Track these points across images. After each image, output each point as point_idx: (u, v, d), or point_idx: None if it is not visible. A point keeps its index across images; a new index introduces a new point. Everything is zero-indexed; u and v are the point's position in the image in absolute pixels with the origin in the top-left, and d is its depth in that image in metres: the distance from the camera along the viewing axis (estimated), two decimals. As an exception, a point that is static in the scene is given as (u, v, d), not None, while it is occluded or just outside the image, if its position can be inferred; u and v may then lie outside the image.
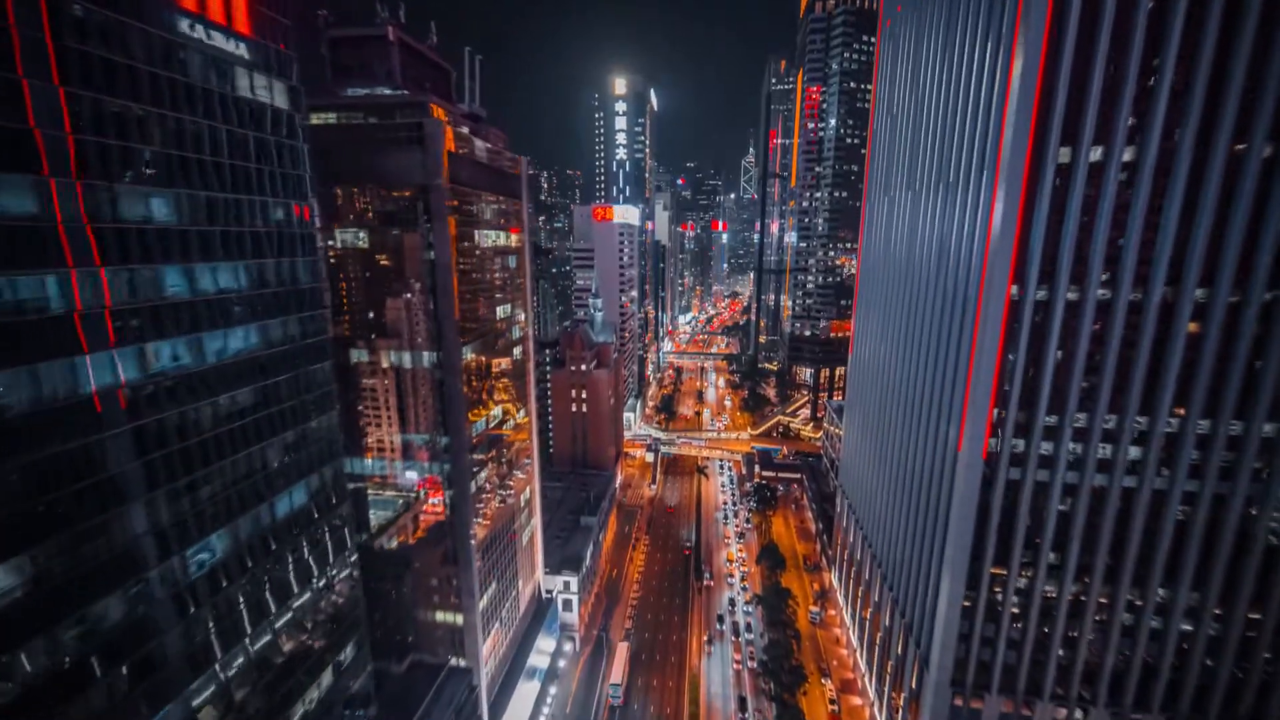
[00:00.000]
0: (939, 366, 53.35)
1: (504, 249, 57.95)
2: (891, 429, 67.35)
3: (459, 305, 47.27)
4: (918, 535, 57.15)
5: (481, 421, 52.95)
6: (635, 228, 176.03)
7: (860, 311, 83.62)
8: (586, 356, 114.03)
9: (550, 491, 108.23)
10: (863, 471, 79.62)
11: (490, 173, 54.97)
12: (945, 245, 52.23)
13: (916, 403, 59.26)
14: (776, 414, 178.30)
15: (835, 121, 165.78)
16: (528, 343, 65.12)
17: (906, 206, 63.07)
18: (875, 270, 75.56)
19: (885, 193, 70.95)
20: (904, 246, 63.56)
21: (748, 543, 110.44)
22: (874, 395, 75.25)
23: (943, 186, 53.38)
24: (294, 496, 33.42)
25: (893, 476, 66.03)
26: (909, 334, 61.67)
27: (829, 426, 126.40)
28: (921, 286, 58.09)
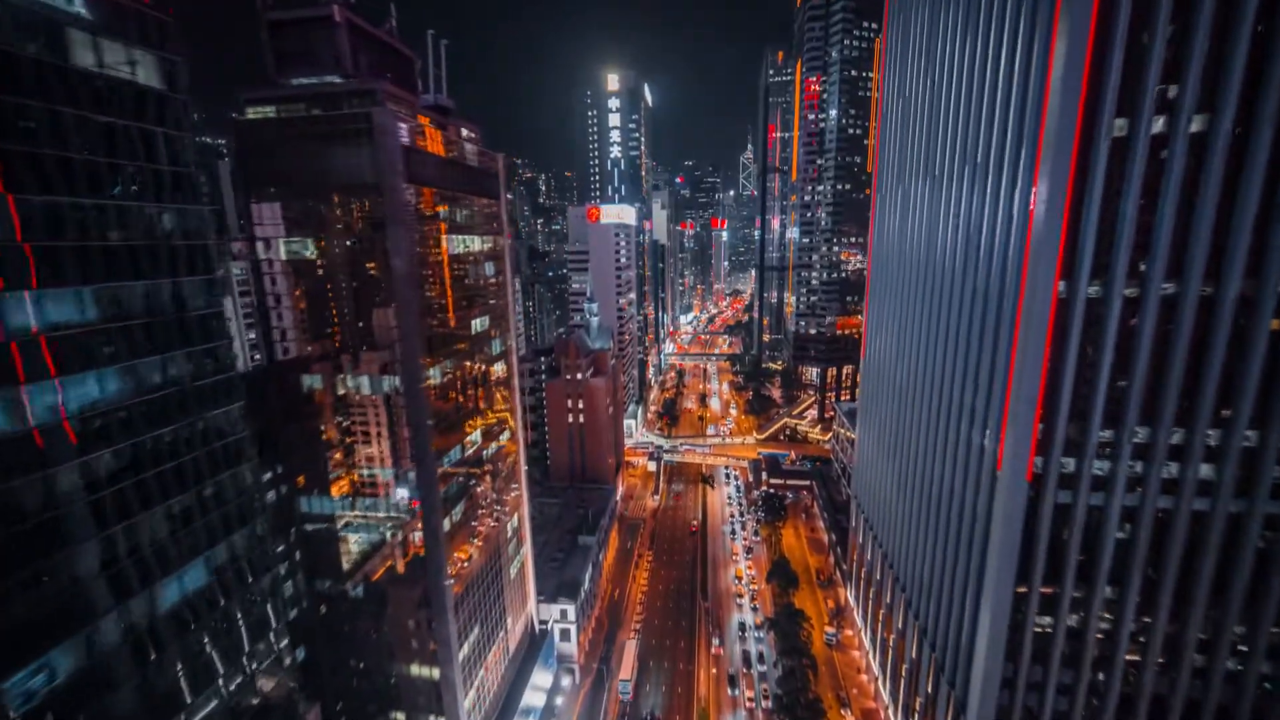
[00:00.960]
0: (969, 373, 47.41)
1: (481, 255, 52.35)
2: (911, 438, 61.44)
3: (424, 321, 41.70)
4: (947, 560, 51.21)
5: (456, 449, 47.37)
6: (632, 227, 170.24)
7: (872, 310, 77.67)
8: (582, 364, 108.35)
9: (546, 508, 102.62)
10: (879, 483, 73.68)
11: (461, 171, 49.37)
12: (973, 236, 46.31)
13: (942, 411, 53.33)
14: (783, 416, 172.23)
15: (836, 112, 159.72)
16: (512, 356, 59.47)
17: (924, 195, 57.14)
18: (889, 265, 69.62)
19: (899, 182, 65.02)
20: (922, 239, 57.63)
21: (757, 557, 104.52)
22: (890, 400, 69.32)
23: (968, 171, 47.46)
24: (187, 579, 26.81)
25: (914, 491, 60.12)
26: (930, 335, 55.75)
27: (839, 429, 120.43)
28: (944, 283, 52.17)
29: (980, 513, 44.90)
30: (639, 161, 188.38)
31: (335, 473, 43.63)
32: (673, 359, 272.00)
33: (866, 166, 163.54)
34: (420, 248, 42.18)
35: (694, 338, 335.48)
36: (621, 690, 72.56)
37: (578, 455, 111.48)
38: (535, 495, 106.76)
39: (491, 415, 55.22)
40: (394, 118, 37.43)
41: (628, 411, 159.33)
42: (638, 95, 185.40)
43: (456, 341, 47.51)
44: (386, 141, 37.09)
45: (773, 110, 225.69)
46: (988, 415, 44.25)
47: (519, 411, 62.17)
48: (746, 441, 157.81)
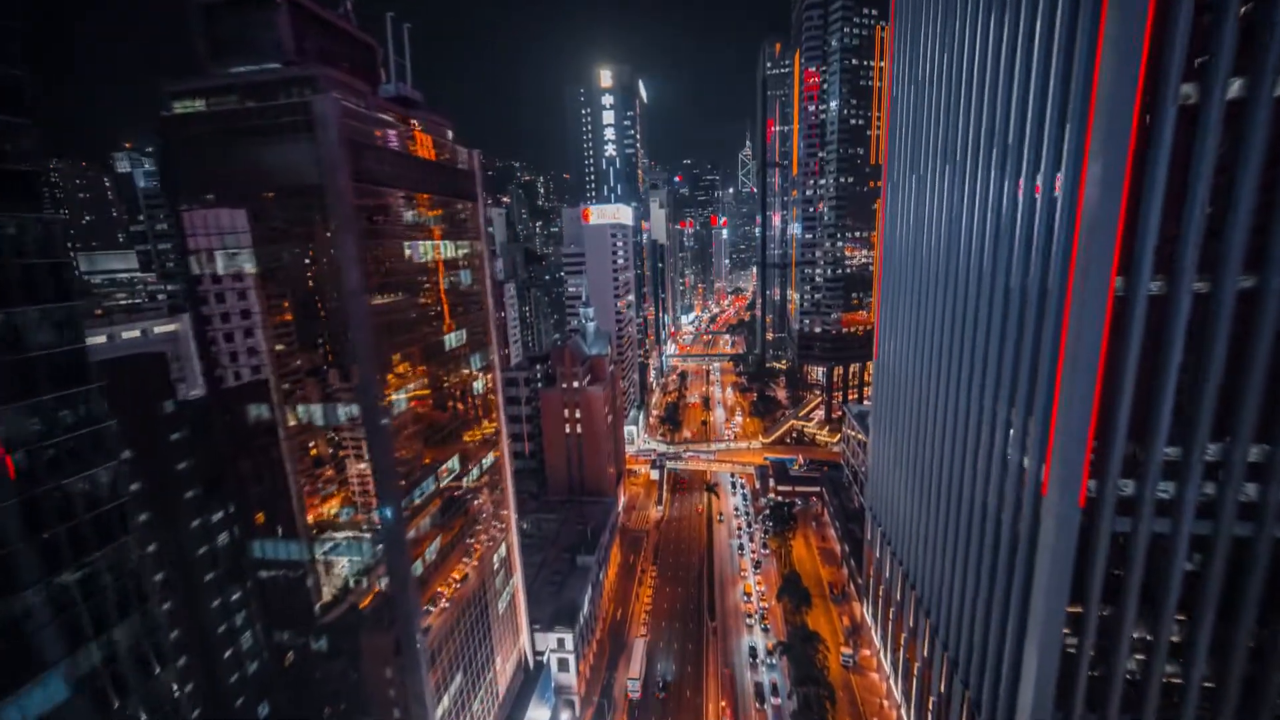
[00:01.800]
0: (1002, 383, 42.13)
1: (455, 262, 47.35)
2: (934, 451, 56.18)
3: (384, 340, 36.77)
4: (980, 589, 45.95)
5: (428, 481, 42.45)
6: (629, 227, 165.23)
7: (884, 308, 72.35)
8: (578, 372, 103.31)
9: (544, 524, 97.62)
10: (897, 495, 68.40)
11: (428, 169, 44.37)
12: (1005, 227, 41.04)
13: (970, 424, 48.05)
14: (789, 418, 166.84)
15: (837, 103, 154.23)
16: (494, 371, 54.42)
17: (943, 184, 51.85)
18: (902, 261, 64.32)
19: (912, 170, 59.73)
20: (941, 231, 52.34)
21: (766, 571, 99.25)
22: (907, 408, 64.06)
23: (996, 155, 42.20)
24: (34, 698, 20.11)
25: (939, 508, 54.86)
26: (953, 338, 50.48)
27: (849, 432, 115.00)
28: (970, 280, 46.89)
29: (1021, 540, 39.64)
30: (635, 159, 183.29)
31: (292, 512, 38.79)
32: (674, 361, 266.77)
33: (870, 158, 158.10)
34: (378, 256, 37.25)
35: (696, 338, 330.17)
36: (630, 689, 73.64)
37: (576, 467, 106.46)
38: (532, 510, 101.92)
39: (472, 437, 50.24)
40: (338, 107, 32.47)
41: (628, 417, 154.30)
42: (632, 91, 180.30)
43: (426, 360, 42.56)
44: (328, 134, 32.14)
45: (771, 103, 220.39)
46: (1027, 431, 38.98)
47: (505, 430, 57.12)
48: (752, 446, 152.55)
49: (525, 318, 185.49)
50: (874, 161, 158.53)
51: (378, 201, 37.51)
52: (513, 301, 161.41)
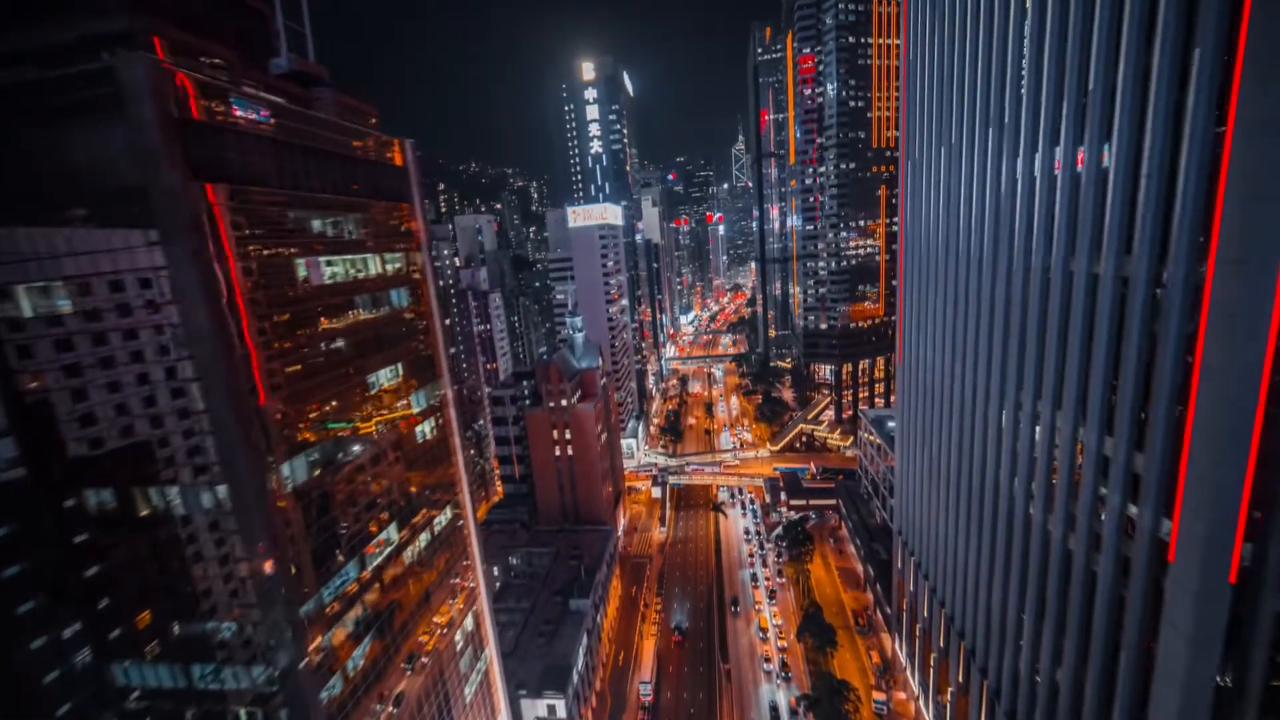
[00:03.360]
0: (1091, 400, 32.40)
1: (382, 280, 37.89)
2: (982, 473, 46.60)
3: (266, 393, 27.39)
4: (1067, 663, 36.24)
5: (350, 567, 33.04)
6: (619, 227, 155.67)
7: (909, 305, 62.61)
8: (566, 389, 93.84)
9: (534, 560, 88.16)
10: (932, 521, 58.71)
11: (334, 164, 34.83)
12: (1091, 198, 31.27)
13: (1039, 449, 38.38)
14: (797, 421, 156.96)
15: (835, 85, 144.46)
16: (448, 410, 44.95)
17: (985, 153, 42.18)
18: (930, 248, 54.64)
19: (940, 142, 50.01)
20: (987, 210, 42.65)
21: (782, 601, 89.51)
22: (943, 420, 54.43)
23: (1067, 110, 32.46)
24: None
25: (993, 543, 45.24)
26: (1007, 339, 40.84)
27: (866, 436, 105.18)
28: (1032, 267, 37.21)
29: (1131, 618, 29.93)
30: (623, 156, 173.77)
31: (162, 626, 29.39)
32: (674, 364, 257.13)
33: (873, 142, 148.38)
34: (256, 279, 27.91)
35: (696, 339, 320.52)
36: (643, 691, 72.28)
37: (568, 493, 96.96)
38: (522, 544, 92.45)
39: (418, 495, 40.74)
40: (154, 72, 22.92)
41: (627, 430, 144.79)
42: (617, 84, 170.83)
43: (341, 410, 33.19)
44: (141, 111, 22.81)
45: (764, 91, 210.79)
46: (1135, 469, 29.27)
47: (466, 478, 47.61)
48: (760, 455, 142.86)
49: (515, 328, 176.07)
50: (876, 145, 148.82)
51: (257, 206, 28.17)
52: (499, 312, 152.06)
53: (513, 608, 76.49)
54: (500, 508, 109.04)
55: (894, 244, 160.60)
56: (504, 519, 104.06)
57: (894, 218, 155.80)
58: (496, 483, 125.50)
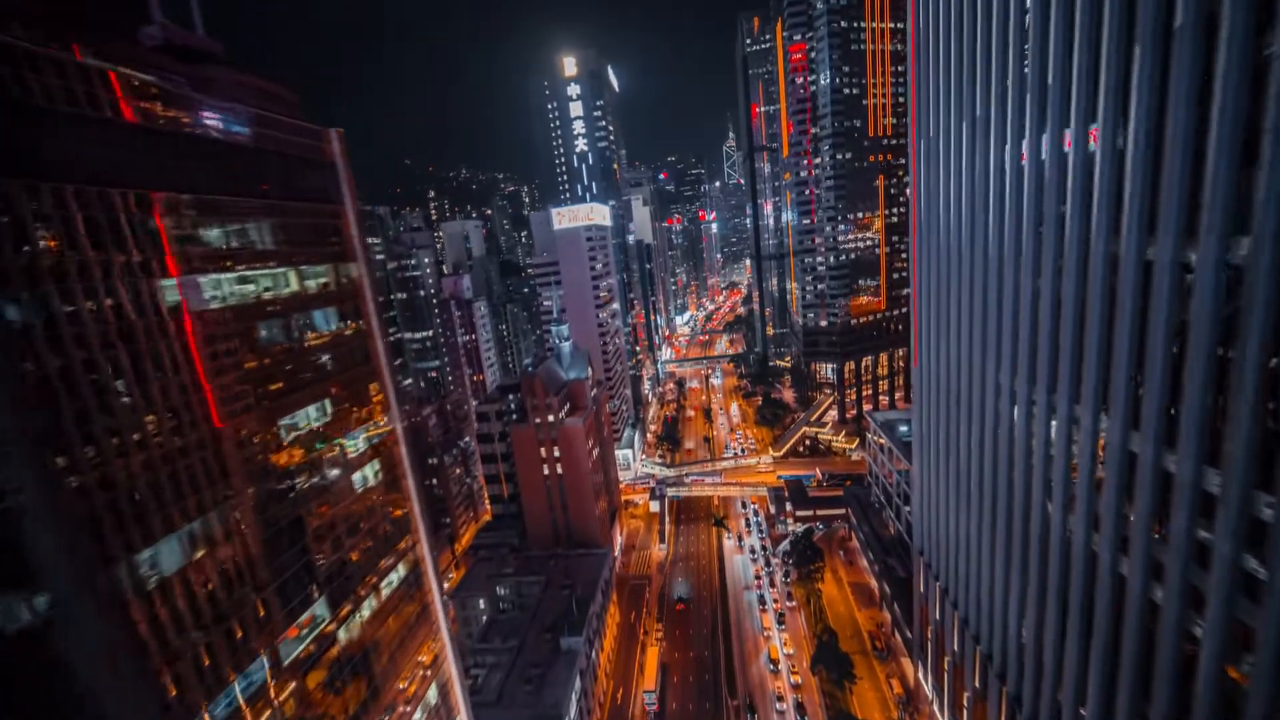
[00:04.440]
0: (1187, 421, 25.96)
1: (304, 298, 31.30)
2: (1025, 493, 40.21)
3: (135, 441, 20.88)
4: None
5: (256, 669, 26.26)
6: (607, 228, 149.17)
7: (925, 301, 56.18)
8: (553, 403, 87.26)
9: (524, 590, 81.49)
10: (963, 545, 52.34)
11: (227, 158, 28.22)
12: (1178, 171, 24.81)
13: (1113, 470, 31.99)
14: (800, 424, 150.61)
15: (828, 72, 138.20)
16: (398, 448, 38.35)
17: (1024, 126, 35.75)
18: (947, 238, 48.26)
19: (963, 116, 43.59)
20: (1028, 190, 36.20)
21: (793, 626, 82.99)
22: (970, 428, 48.11)
23: (1143, 64, 26.04)
24: None
25: (1047, 581, 38.81)
26: (1055, 340, 34.48)
27: (874, 439, 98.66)
28: (1089, 256, 30.81)
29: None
30: (609, 154, 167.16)
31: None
32: (671, 367, 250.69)
33: (869, 130, 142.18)
34: (117, 298, 21.41)
35: (693, 339, 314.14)
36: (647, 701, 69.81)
37: (559, 514, 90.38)
38: (510, 573, 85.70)
39: (358, 561, 34.01)
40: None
41: (622, 439, 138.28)
42: (600, 79, 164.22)
43: (239, 468, 26.55)
44: None
45: (754, 83, 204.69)
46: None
47: (422, 526, 41.02)
48: (762, 461, 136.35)
49: (503, 337, 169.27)
50: (873, 134, 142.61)
51: (103, 208, 21.66)
52: (484, 321, 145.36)
53: (498, 648, 69.96)
54: (488, 530, 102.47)
55: (894, 236, 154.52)
56: (492, 542, 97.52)
57: (893, 209, 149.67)
58: (485, 501, 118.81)
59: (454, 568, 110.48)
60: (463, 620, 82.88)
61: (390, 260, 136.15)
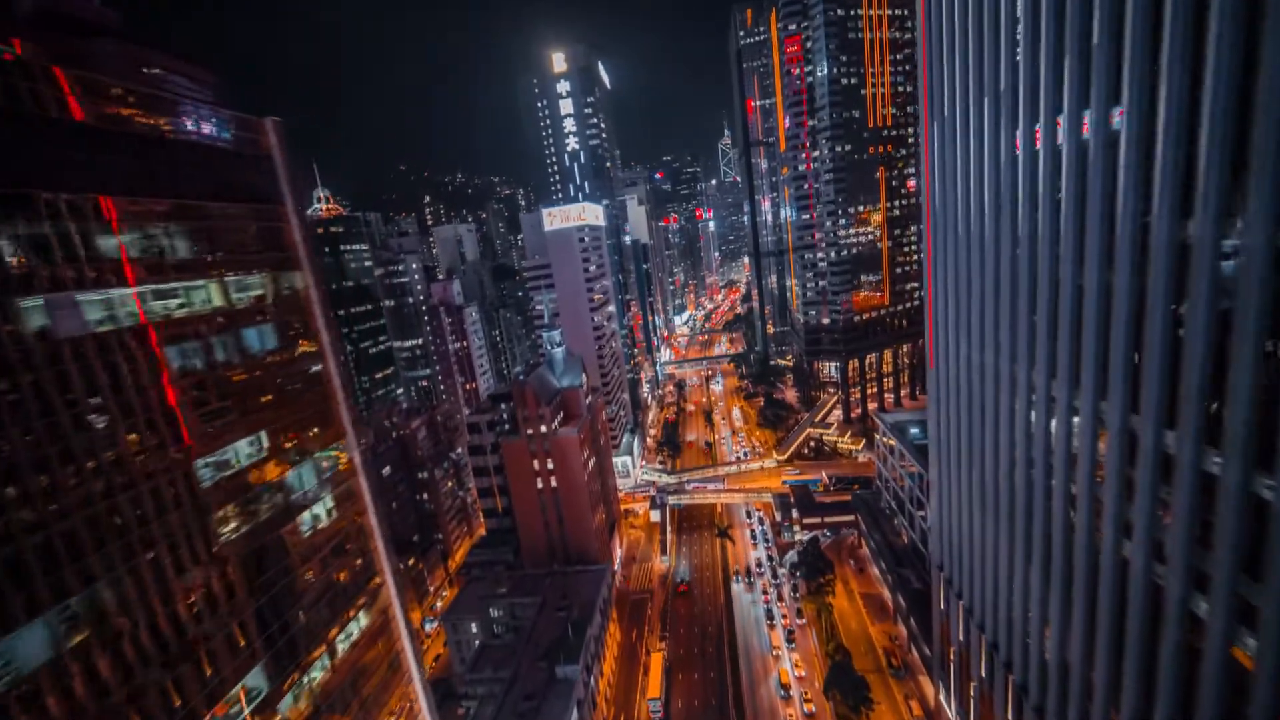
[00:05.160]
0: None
1: (221, 319, 26.71)
2: (1065, 510, 35.76)
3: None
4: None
5: None
6: (601, 228, 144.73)
7: (941, 297, 51.72)
8: (545, 413, 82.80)
9: (519, 612, 76.96)
10: (989, 563, 47.88)
11: (125, 150, 23.71)
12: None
13: (1182, 485, 27.51)
14: (804, 425, 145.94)
15: (825, 62, 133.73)
16: (356, 479, 33.87)
17: (1062, 97, 31.27)
18: (968, 227, 43.83)
19: (985, 91, 39.09)
20: (1069, 171, 31.71)
21: (803, 645, 78.42)
22: (996, 435, 43.67)
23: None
24: None
25: (1096, 609, 34.33)
26: (1105, 339, 29.98)
27: (884, 440, 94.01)
28: (1142, 247, 26.35)
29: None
30: (602, 151, 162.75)
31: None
32: (670, 368, 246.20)
33: (869, 121, 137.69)
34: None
35: (692, 339, 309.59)
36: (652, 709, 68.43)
37: (555, 529, 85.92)
38: (504, 594, 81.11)
39: (310, 615, 29.37)
40: None
41: (620, 446, 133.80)
42: (591, 75, 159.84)
43: (156, 512, 22.12)
44: None
45: (748, 77, 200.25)
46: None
47: (388, 566, 36.51)
48: (765, 465, 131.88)
49: (496, 343, 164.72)
50: (873, 124, 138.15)
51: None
52: (476, 327, 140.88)
53: (490, 678, 65.54)
54: (482, 546, 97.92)
55: (896, 229, 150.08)
56: (485, 559, 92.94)
57: (895, 201, 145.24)
58: (479, 513, 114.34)
59: (448, 585, 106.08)
60: (454, 645, 78.48)
61: (377, 266, 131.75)
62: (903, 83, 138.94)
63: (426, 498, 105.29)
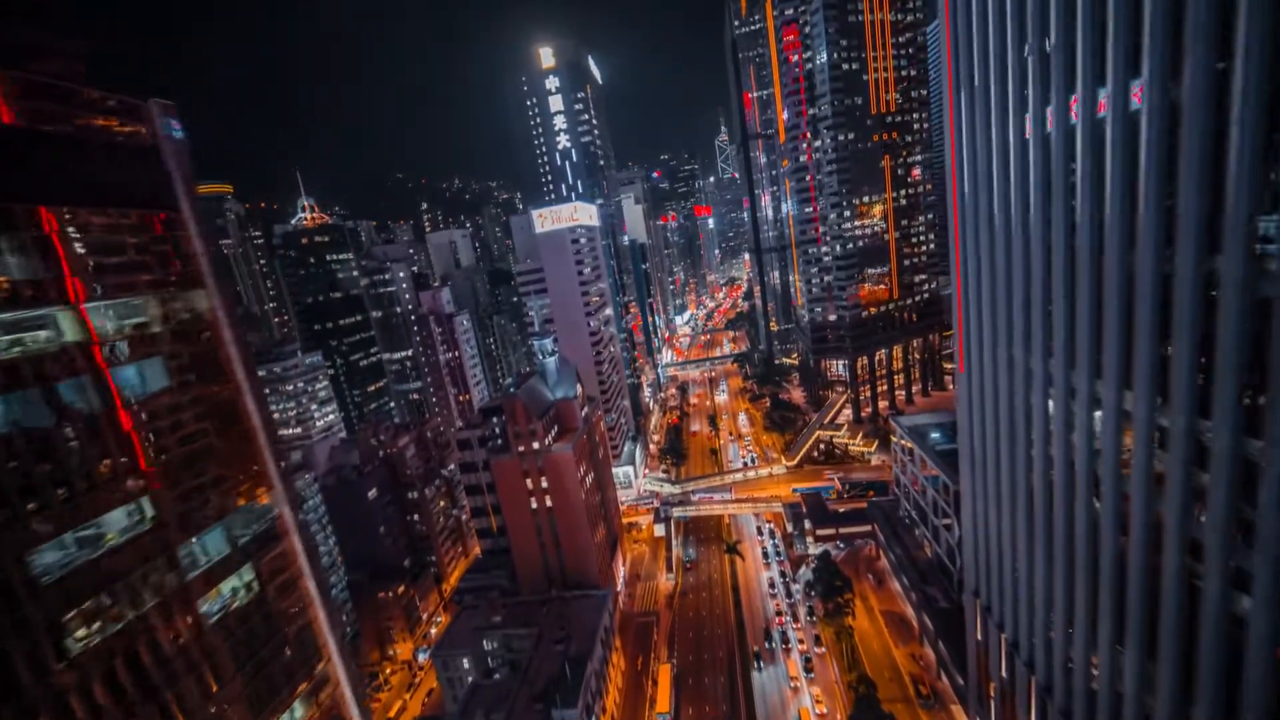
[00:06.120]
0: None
1: (78, 353, 20.98)
2: (1143, 534, 29.79)
3: None
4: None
5: None
6: (595, 228, 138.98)
7: (975, 294, 45.76)
8: (538, 428, 77.06)
9: (514, 645, 71.25)
10: (1039, 594, 41.89)
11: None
12: None
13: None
14: (813, 428, 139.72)
15: (825, 47, 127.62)
16: (289, 540, 28.05)
17: (1141, 49, 25.34)
18: (1007, 214, 37.85)
19: (1030, 50, 33.10)
20: (1146, 140, 25.77)
21: (822, 675, 72.41)
22: (1044, 449, 37.72)
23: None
24: None
25: (1189, 660, 28.36)
26: (1190, 346, 24.08)
27: (901, 444, 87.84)
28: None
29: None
30: (594, 149, 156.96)
31: None
32: (672, 370, 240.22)
33: (871, 108, 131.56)
34: None
35: (694, 340, 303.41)
36: None
37: (551, 553, 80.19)
38: (499, 625, 75.43)
39: (223, 709, 23.62)
40: None
41: (621, 456, 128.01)
42: (581, 71, 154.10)
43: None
44: None
45: (745, 68, 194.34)
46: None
47: (332, 637, 30.74)
48: (774, 471, 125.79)
49: (491, 351, 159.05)
50: (876, 111, 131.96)
51: None
52: (468, 336, 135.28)
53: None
54: (476, 570, 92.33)
55: (903, 219, 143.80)
56: (479, 585, 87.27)
57: (901, 190, 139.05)
58: (474, 531, 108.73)
59: (442, 610, 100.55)
60: (445, 683, 72.87)
61: (363, 276, 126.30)
62: (906, 66, 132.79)
63: (418, 518, 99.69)
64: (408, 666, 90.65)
